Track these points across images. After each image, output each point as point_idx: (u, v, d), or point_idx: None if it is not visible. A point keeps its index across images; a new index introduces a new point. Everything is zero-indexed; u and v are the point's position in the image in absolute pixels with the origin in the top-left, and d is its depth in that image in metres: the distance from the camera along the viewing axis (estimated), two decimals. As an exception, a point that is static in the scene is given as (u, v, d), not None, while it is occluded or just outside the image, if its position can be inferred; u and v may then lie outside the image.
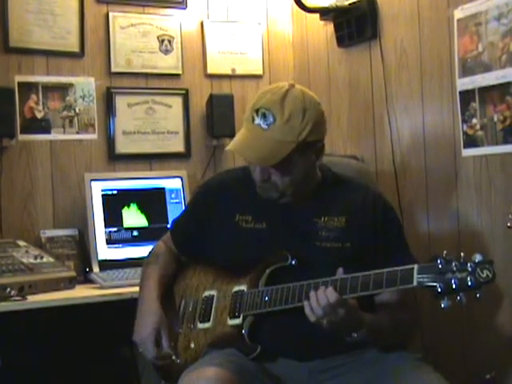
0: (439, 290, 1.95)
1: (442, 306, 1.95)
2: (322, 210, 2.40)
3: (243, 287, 2.37)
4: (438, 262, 1.97)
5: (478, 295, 1.93)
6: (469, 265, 1.94)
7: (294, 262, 2.30)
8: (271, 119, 2.27)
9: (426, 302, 2.82)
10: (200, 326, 2.44)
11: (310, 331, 2.20)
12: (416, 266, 2.02)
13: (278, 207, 2.41)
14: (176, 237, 2.68)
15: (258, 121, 2.29)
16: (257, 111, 2.29)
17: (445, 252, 1.99)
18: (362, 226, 2.37)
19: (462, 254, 1.97)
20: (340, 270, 2.16)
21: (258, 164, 2.32)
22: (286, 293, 2.24)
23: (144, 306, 2.53)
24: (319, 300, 2.09)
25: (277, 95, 2.30)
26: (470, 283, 1.92)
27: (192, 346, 2.44)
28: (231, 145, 2.35)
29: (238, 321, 2.34)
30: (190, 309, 2.50)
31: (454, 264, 1.95)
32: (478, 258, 1.95)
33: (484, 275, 1.93)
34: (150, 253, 2.74)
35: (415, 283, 2.01)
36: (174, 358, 2.42)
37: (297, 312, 2.18)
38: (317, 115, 2.33)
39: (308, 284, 2.18)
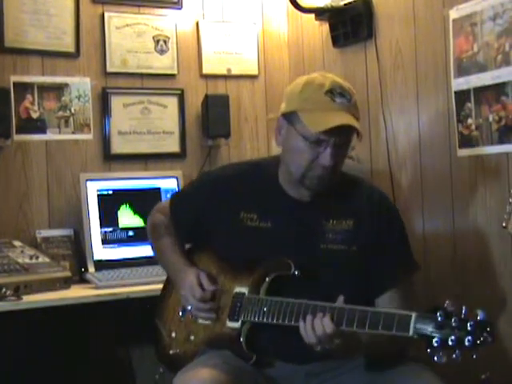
0: (435, 344, 1.88)
1: (435, 359, 1.89)
2: (331, 211, 2.38)
3: (244, 289, 2.35)
4: (438, 314, 1.90)
5: (474, 356, 1.87)
6: (469, 324, 1.86)
7: (296, 273, 2.28)
8: (348, 96, 2.30)
9: (424, 306, 2.81)
10: (201, 320, 2.44)
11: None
12: (414, 315, 1.96)
13: (285, 206, 2.40)
14: (176, 222, 2.64)
15: (339, 99, 2.28)
16: (331, 92, 2.28)
17: (446, 302, 1.92)
18: (368, 228, 2.35)
19: (463, 307, 1.90)
20: (340, 299, 2.12)
21: (356, 125, 2.28)
22: (284, 309, 2.20)
23: (179, 268, 2.52)
24: (315, 328, 2.07)
25: (336, 78, 2.34)
26: (467, 344, 1.86)
27: (191, 338, 2.45)
28: (325, 124, 2.24)
29: (236, 325, 2.33)
30: None
31: (453, 320, 1.88)
32: (479, 316, 1.88)
33: (483, 338, 1.86)
34: (152, 224, 2.73)
35: (411, 333, 1.95)
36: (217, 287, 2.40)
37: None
38: None
39: (307, 305, 2.15)
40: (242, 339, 2.30)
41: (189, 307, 2.42)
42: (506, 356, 2.96)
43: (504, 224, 2.81)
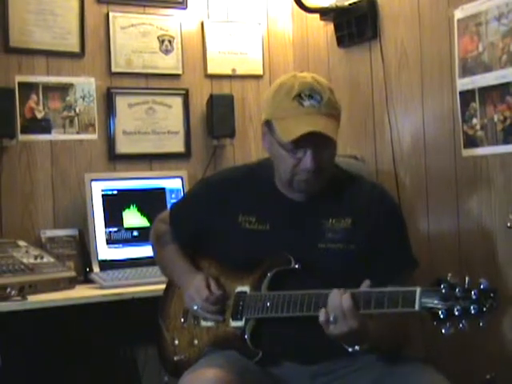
0: (441, 316, 1.88)
1: (443, 331, 1.88)
2: (330, 210, 2.37)
3: (246, 288, 2.36)
4: (442, 286, 1.90)
5: (481, 324, 1.87)
6: (473, 292, 1.86)
7: (297, 266, 2.29)
8: (319, 97, 2.27)
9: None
10: (203, 323, 2.44)
11: (312, 335, 2.19)
12: (418, 290, 1.96)
13: (283, 208, 2.40)
14: (176, 232, 2.65)
15: (307, 102, 2.26)
16: (299, 96, 2.27)
17: (449, 275, 1.92)
18: (367, 227, 2.35)
19: (466, 278, 1.90)
20: (367, 282, 2.10)
21: (332, 135, 2.25)
22: (287, 300, 2.22)
23: (185, 271, 2.53)
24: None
25: (306, 79, 2.32)
26: (473, 312, 1.85)
27: (195, 342, 2.45)
28: (294, 131, 2.24)
29: (240, 323, 2.33)
30: None
31: (457, 290, 1.88)
32: (483, 284, 1.88)
33: (488, 305, 1.86)
34: (156, 234, 2.74)
35: (417, 307, 1.95)
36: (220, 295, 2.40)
37: (299, 316, 2.18)
38: None
39: (310, 294, 2.17)
40: (246, 336, 2.31)
41: (195, 307, 2.42)
42: (510, 356, 2.96)
43: (509, 224, 2.82)
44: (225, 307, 2.40)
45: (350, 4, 3.71)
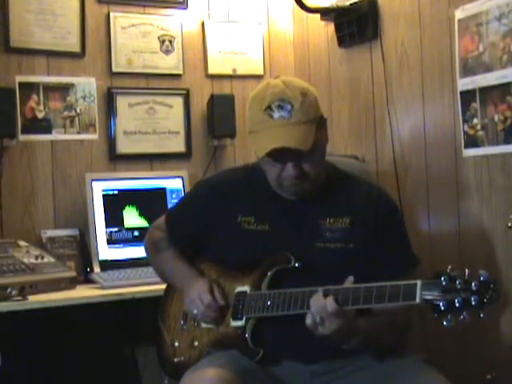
0: (442, 308, 1.89)
1: (444, 324, 1.89)
2: (328, 210, 2.37)
3: (246, 288, 2.36)
4: (442, 279, 1.91)
5: (481, 315, 1.87)
6: (473, 284, 1.87)
7: (297, 265, 2.29)
8: (289, 106, 2.25)
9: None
10: (203, 324, 2.44)
11: (312, 334, 2.20)
12: (419, 283, 1.97)
13: (282, 208, 2.41)
14: (173, 235, 2.65)
15: (277, 114, 2.25)
16: (269, 107, 2.26)
17: (449, 267, 1.94)
18: (366, 226, 2.35)
19: (466, 270, 1.91)
20: (350, 279, 2.13)
21: (303, 147, 2.23)
22: (288, 298, 2.22)
23: (186, 274, 2.52)
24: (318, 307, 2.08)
25: (277, 87, 2.30)
26: (473, 303, 1.86)
27: (196, 344, 2.45)
28: (265, 147, 2.26)
29: (240, 323, 2.33)
30: None
31: (458, 282, 1.89)
32: (483, 276, 1.88)
33: (488, 295, 1.86)
34: (152, 241, 2.72)
35: (418, 300, 1.95)
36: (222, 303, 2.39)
37: (299, 315, 2.17)
38: (314, 92, 2.36)
39: (310, 291, 2.17)
40: (247, 335, 2.31)
41: (195, 311, 2.42)
42: (511, 356, 2.95)
43: (509, 224, 2.82)
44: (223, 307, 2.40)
45: (350, 4, 3.71)
